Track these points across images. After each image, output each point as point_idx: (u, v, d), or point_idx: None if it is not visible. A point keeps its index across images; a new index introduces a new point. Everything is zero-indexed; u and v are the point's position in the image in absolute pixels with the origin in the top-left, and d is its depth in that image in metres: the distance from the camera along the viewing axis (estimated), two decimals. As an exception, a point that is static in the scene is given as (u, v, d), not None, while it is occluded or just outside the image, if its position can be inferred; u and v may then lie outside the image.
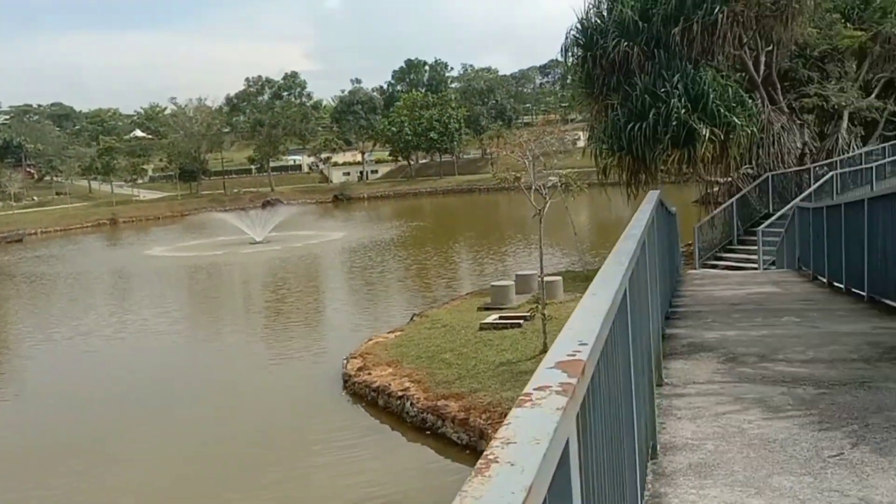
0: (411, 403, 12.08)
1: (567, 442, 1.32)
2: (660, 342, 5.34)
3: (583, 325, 1.90)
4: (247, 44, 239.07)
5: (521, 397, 1.37)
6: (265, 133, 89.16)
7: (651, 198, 5.59)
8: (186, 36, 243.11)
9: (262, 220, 47.18)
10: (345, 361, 15.40)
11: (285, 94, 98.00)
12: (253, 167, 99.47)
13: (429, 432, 11.25)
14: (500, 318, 16.10)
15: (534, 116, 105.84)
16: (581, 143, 38.18)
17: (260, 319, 23.93)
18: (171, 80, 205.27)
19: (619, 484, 2.32)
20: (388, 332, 17.80)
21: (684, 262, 23.06)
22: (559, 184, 16.67)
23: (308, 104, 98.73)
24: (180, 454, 11.70)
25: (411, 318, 19.46)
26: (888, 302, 7.36)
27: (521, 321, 15.07)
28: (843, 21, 24.76)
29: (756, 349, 5.64)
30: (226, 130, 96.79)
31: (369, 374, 13.73)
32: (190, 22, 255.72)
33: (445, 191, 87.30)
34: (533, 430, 1.21)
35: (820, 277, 10.97)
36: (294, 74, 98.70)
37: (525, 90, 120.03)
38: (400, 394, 12.48)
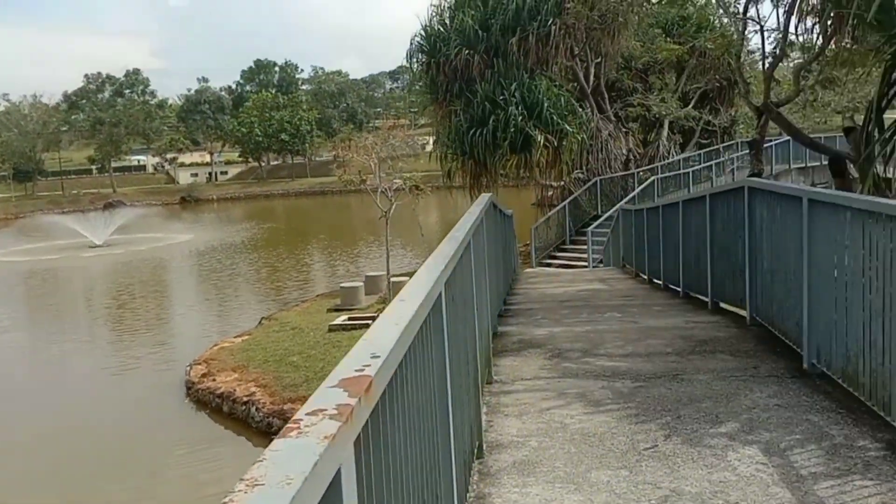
0: (257, 409, 12.04)
1: (339, 473, 1.17)
2: (490, 341, 5.50)
3: (380, 336, 1.76)
4: (87, 38, 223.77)
5: (287, 425, 1.21)
6: (106, 132, 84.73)
7: (481, 201, 5.95)
8: (19, 29, 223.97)
9: (103, 223, 44.68)
10: (188, 368, 15.03)
11: (127, 91, 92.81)
12: (94, 167, 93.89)
13: (275, 437, 11.22)
14: (350, 319, 16.30)
15: (385, 120, 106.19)
16: (430, 147, 39.09)
17: (100, 327, 22.58)
18: (2, 76, 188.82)
19: (432, 495, 2.24)
20: (236, 337, 17.48)
21: (521, 262, 24.30)
22: (404, 186, 17.15)
23: (152, 102, 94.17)
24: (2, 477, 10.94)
25: (259, 322, 19.17)
26: (700, 297, 8.26)
27: (370, 322, 15.29)
28: (663, 36, 27.02)
29: (580, 344, 5.94)
30: (64, 129, 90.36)
31: (214, 380, 13.45)
32: (23, 14, 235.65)
33: (297, 193, 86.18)
34: (288, 467, 1.03)
35: (642, 274, 12.03)
36: (136, 71, 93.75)
37: (376, 95, 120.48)
38: (245, 399, 12.40)
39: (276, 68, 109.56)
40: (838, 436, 3.83)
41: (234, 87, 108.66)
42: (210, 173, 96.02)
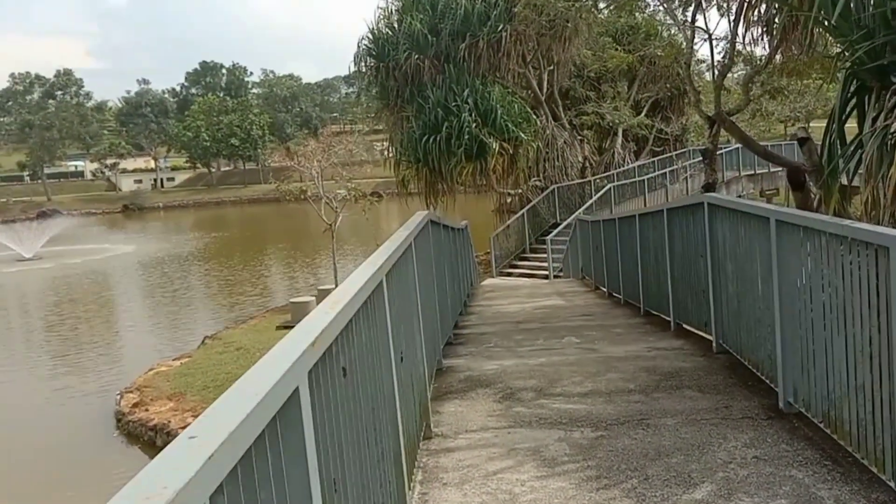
0: (195, 441, 11.21)
1: None
2: (429, 386, 4.86)
3: (209, 425, 1.25)
4: (17, 38, 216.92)
5: None
6: (37, 136, 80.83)
7: (412, 223, 5.36)
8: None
9: (34, 233, 41.61)
10: (118, 397, 13.89)
11: (59, 93, 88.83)
12: (25, 174, 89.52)
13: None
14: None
15: (342, 126, 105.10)
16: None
17: (20, 352, 20.65)
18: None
19: None
20: (174, 360, 16.42)
21: (483, 271, 23.87)
22: (349, 196, 16.47)
23: (87, 105, 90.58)
24: None
25: (202, 342, 18.07)
26: (662, 316, 7.81)
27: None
28: (613, 44, 26.88)
29: (534, 381, 5.39)
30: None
31: (146, 409, 12.43)
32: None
33: (251, 200, 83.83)
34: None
35: (602, 288, 11.62)
36: (68, 72, 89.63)
37: (331, 99, 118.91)
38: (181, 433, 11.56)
39: (224, 71, 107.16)
40: (828, 498, 3.35)
41: (178, 89, 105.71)
42: (155, 180, 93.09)
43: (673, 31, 24.70)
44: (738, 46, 12.25)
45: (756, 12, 10.31)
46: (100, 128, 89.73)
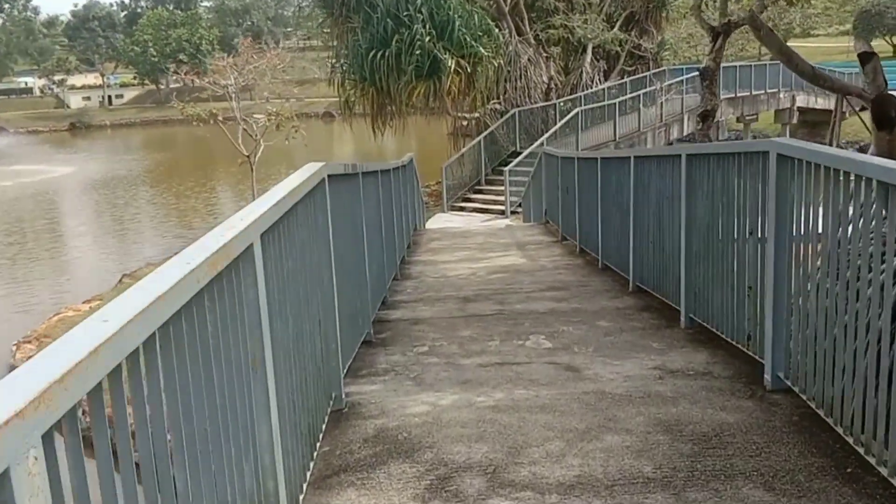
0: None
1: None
2: (314, 451, 2.87)
3: None
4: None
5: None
6: (-18, 51, 76.49)
7: (295, 180, 3.13)
8: None
9: None
10: (13, 348, 12.07)
11: (7, 6, 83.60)
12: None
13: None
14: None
15: (298, 41, 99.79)
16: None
17: None
18: None
19: None
20: (84, 303, 14.49)
21: (433, 204, 21.52)
22: (268, 122, 13.84)
23: (34, 18, 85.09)
24: None
25: (119, 281, 16.15)
26: (663, 300, 5.71)
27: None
28: (588, -51, 24.03)
29: (484, 449, 3.23)
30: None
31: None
32: None
33: (218, 115, 79.86)
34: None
35: (571, 239, 9.47)
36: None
37: (285, 13, 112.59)
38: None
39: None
40: None
41: (127, 2, 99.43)
42: (103, 97, 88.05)
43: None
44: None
45: None
46: (51, 43, 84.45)
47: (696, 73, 24.08)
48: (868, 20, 44.67)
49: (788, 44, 42.02)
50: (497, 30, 21.42)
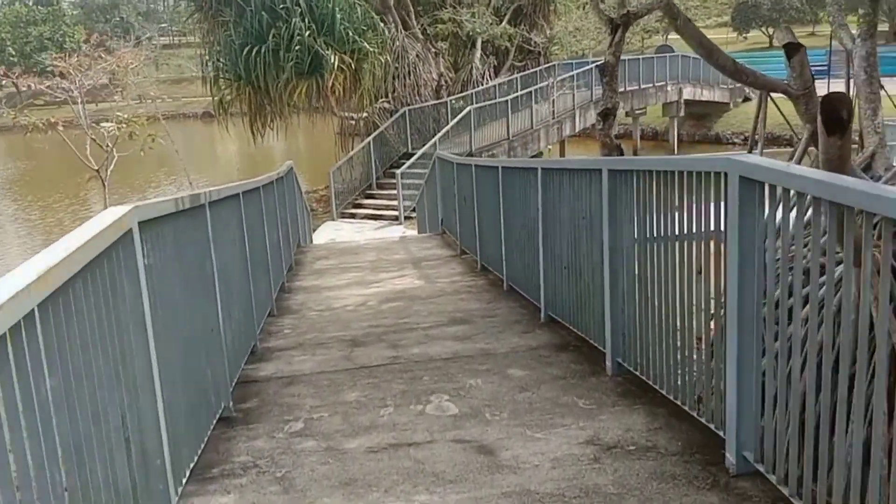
0: None
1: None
2: None
3: None
4: None
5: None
6: None
7: (71, 241, 2.12)
8: None
9: None
10: None
11: None
12: None
13: None
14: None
15: (172, 38, 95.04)
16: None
17: None
18: None
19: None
20: None
21: (322, 211, 20.28)
22: (120, 130, 12.28)
23: None
24: None
25: None
26: (584, 337, 4.85)
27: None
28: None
29: None
30: None
31: None
32: None
33: (66, 122, 74.24)
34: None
35: (471, 253, 8.61)
36: None
37: (158, 7, 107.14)
38: None
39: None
40: None
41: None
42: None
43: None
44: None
45: None
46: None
47: (587, 67, 23.93)
48: (745, 12, 46.30)
49: (669, 36, 42.97)
50: (382, 24, 20.39)
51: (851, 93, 6.03)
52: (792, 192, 2.48)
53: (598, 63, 9.05)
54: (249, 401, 4.27)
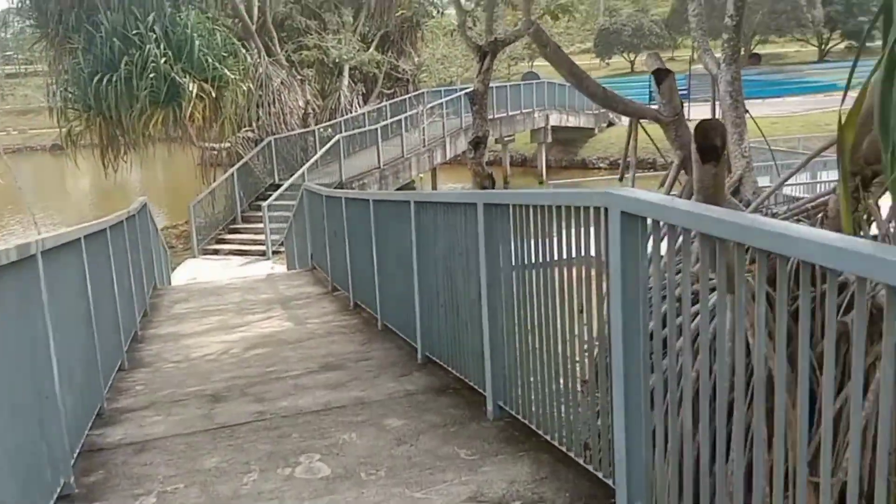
0: None
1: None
2: None
3: None
4: None
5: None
6: None
7: None
8: None
9: None
10: None
11: None
12: None
13: None
14: None
15: (18, 66, 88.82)
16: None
17: None
18: None
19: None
20: None
21: (182, 248, 19.20)
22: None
23: None
24: None
25: None
26: (464, 378, 4.62)
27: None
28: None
29: None
30: None
31: None
32: None
33: None
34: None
35: (343, 290, 8.21)
36: None
37: (4, 35, 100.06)
38: None
39: None
40: None
41: None
42: None
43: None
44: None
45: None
46: None
47: (455, 94, 24.14)
48: (607, 38, 48.47)
49: (535, 63, 44.32)
50: (244, 50, 19.74)
51: (717, 115, 6.17)
52: (678, 228, 2.33)
53: (468, 90, 9.04)
54: (94, 473, 3.71)
